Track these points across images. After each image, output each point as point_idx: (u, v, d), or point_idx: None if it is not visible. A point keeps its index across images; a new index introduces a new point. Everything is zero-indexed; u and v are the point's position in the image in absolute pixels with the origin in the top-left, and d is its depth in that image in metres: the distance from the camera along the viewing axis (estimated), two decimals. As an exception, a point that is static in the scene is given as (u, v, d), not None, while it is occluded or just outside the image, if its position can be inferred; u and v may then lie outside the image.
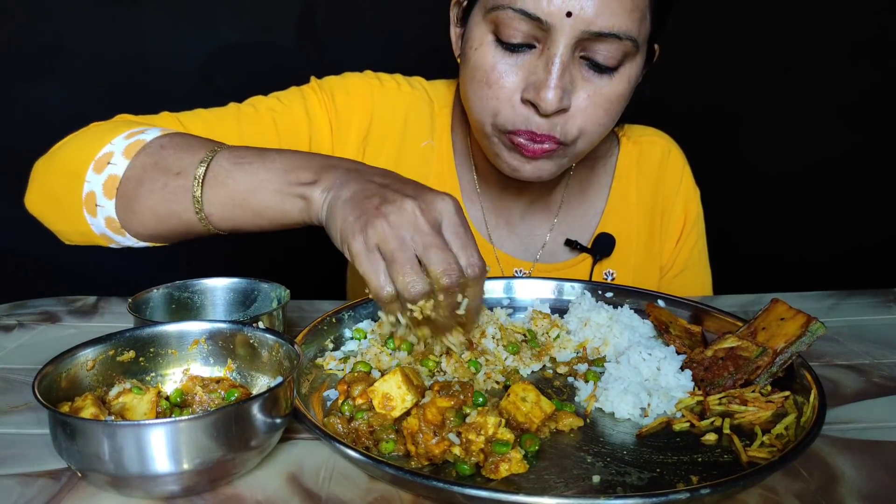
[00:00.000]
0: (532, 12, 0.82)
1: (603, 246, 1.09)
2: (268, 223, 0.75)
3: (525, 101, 0.87)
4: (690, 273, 1.17)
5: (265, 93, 1.06)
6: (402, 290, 0.62)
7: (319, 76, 1.10)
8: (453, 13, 0.98)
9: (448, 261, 0.62)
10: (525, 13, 0.82)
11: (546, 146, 0.88)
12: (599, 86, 0.87)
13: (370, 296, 0.64)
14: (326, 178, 0.70)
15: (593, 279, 1.09)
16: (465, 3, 0.95)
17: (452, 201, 0.66)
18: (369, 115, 1.07)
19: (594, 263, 1.09)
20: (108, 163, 0.79)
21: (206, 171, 0.74)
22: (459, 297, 0.64)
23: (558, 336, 0.81)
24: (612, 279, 1.11)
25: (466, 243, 0.64)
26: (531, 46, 0.86)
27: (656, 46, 0.96)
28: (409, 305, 0.63)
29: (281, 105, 1.02)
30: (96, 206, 0.80)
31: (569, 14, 0.81)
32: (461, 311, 0.65)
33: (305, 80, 1.09)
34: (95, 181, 0.79)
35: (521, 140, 0.89)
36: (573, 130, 0.88)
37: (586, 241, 1.11)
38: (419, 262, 0.62)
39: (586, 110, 0.87)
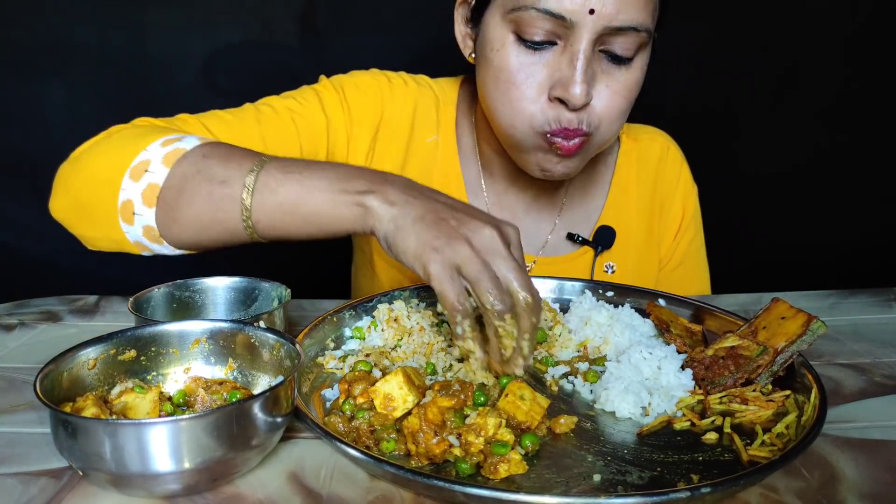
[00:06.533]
0: (556, 11, 0.84)
1: (603, 238, 1.11)
2: (317, 230, 0.74)
3: (552, 99, 0.89)
4: (688, 267, 1.19)
5: (265, 92, 1.06)
6: (490, 308, 0.64)
7: (320, 75, 1.10)
8: (459, 13, 0.98)
9: (529, 283, 0.66)
10: (549, 12, 0.84)
11: (577, 141, 0.91)
12: (618, 76, 0.90)
13: (444, 311, 0.67)
14: (383, 190, 0.70)
15: (594, 271, 1.10)
16: (472, 2, 0.95)
17: (517, 229, 0.71)
18: (380, 111, 1.08)
19: (595, 256, 1.11)
20: (146, 171, 0.77)
21: (256, 179, 0.73)
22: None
23: (560, 334, 0.81)
24: (613, 272, 1.12)
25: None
26: (553, 43, 0.88)
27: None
28: (497, 323, 0.65)
29: (298, 105, 1.03)
30: (133, 214, 0.78)
31: (591, 11, 0.83)
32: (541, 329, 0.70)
33: (307, 80, 1.09)
34: (133, 189, 0.77)
35: (558, 140, 0.90)
36: (596, 121, 0.91)
37: (588, 234, 1.13)
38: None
39: (607, 101, 0.90)
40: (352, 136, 1.07)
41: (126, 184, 0.77)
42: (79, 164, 0.83)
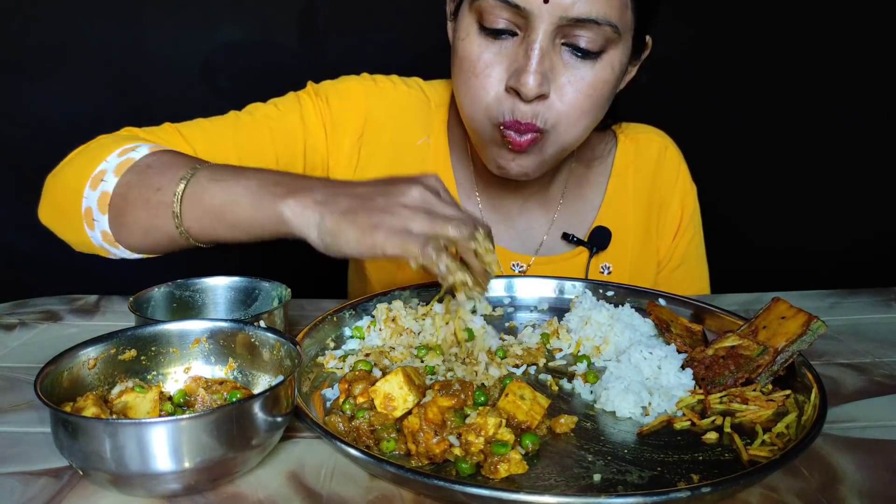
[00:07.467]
0: (511, 0, 0.84)
1: (599, 239, 1.11)
2: (244, 235, 0.77)
3: (509, 90, 0.89)
4: (687, 267, 1.19)
5: (265, 92, 1.07)
6: (457, 236, 0.67)
7: (320, 76, 1.10)
8: (448, 8, 1.00)
9: (470, 213, 0.71)
10: (505, 1, 0.84)
11: (529, 137, 0.90)
12: (582, 72, 0.89)
13: (414, 265, 0.66)
14: (301, 193, 0.71)
15: (590, 272, 1.10)
16: None
17: (437, 176, 0.74)
18: (363, 116, 1.08)
19: (591, 256, 1.10)
20: (102, 180, 0.83)
21: (185, 188, 0.77)
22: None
23: (558, 337, 0.81)
24: (609, 272, 1.12)
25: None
26: (513, 34, 0.88)
27: (648, 39, 0.97)
28: (472, 245, 0.68)
29: (277, 112, 1.04)
30: (93, 220, 0.84)
31: (546, 1, 0.83)
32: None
33: (306, 80, 1.09)
34: (91, 197, 0.83)
35: (510, 133, 0.90)
36: (553, 117, 0.90)
37: (583, 235, 1.12)
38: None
39: (566, 96, 0.89)
40: (332, 142, 1.07)
41: (87, 192, 0.84)
42: (59, 173, 0.89)
